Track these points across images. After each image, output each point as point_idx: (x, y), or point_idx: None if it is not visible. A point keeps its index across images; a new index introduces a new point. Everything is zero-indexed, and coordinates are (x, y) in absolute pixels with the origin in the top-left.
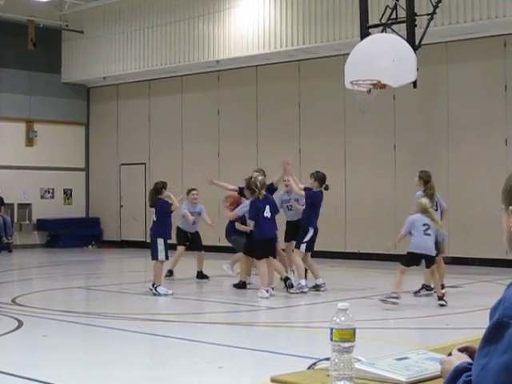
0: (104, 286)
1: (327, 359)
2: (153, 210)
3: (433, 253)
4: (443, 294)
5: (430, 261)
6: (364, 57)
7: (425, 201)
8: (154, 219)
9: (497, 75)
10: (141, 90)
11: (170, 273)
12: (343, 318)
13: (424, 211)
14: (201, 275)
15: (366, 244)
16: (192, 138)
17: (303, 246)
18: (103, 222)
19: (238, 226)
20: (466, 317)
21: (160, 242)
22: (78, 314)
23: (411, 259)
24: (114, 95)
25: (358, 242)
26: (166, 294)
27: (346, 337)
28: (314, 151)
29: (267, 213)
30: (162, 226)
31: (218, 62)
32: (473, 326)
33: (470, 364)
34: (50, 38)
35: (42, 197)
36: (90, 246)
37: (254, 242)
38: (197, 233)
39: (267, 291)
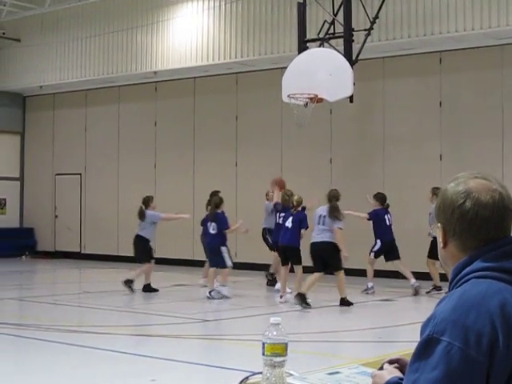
0: (37, 297)
1: (260, 373)
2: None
3: None
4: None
5: None
6: (301, 71)
7: None
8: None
9: (432, 91)
10: (77, 99)
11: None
12: (275, 333)
13: None
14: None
15: None
16: (129, 149)
17: (372, 254)
18: (37, 233)
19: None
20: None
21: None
22: (10, 325)
23: None
24: (50, 105)
25: None
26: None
27: (277, 351)
28: (250, 164)
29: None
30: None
31: (155, 73)
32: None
33: (401, 379)
34: None
35: None
36: (24, 257)
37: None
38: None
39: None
